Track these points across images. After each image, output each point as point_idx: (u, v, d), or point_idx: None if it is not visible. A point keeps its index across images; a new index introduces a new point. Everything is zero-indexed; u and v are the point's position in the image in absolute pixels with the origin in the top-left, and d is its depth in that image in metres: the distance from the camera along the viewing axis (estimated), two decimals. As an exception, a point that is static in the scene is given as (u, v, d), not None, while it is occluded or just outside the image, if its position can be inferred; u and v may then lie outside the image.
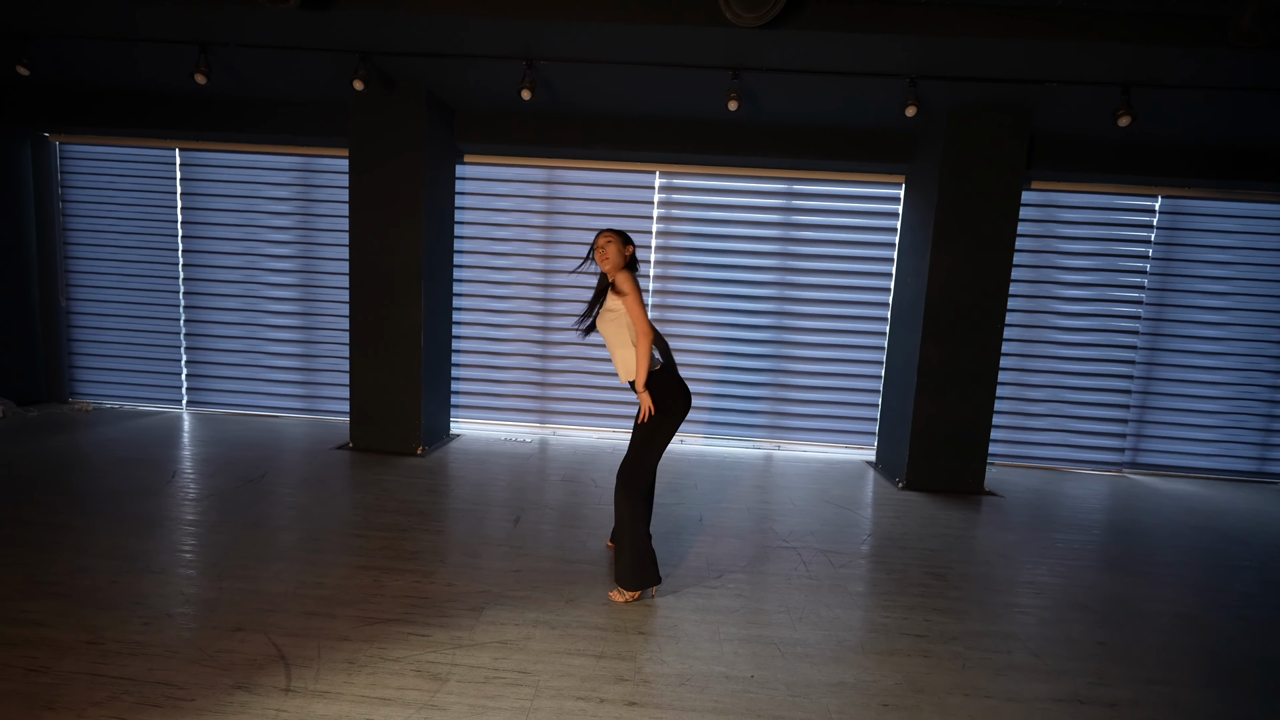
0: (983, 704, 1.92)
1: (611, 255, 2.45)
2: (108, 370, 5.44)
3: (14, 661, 1.84)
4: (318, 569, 2.55)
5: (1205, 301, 4.87)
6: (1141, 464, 5.05)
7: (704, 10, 2.91)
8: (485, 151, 4.85)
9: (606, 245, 2.45)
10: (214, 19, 3.33)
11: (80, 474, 3.58)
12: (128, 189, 5.24)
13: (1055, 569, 3.03)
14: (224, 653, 1.94)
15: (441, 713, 1.72)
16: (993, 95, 3.70)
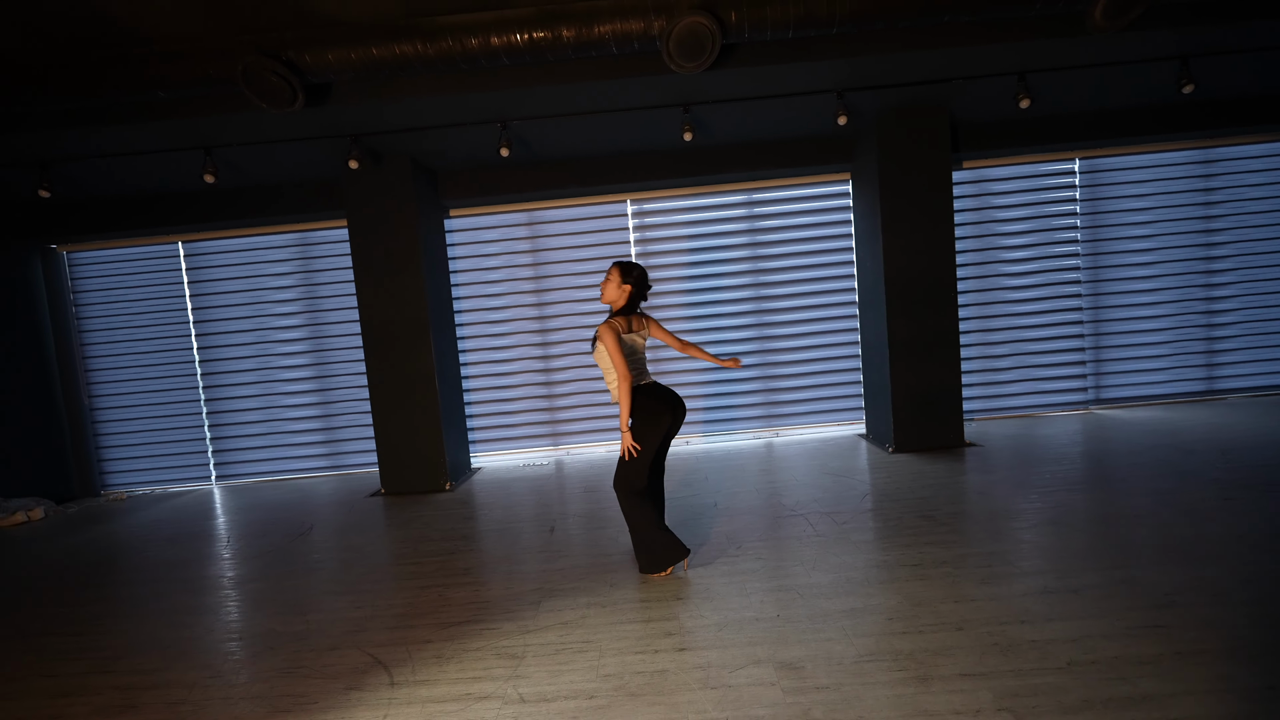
0: (970, 606, 2.30)
1: (606, 290, 2.76)
2: (136, 459, 5.70)
3: (153, 701, 2.14)
4: (387, 593, 2.88)
5: (1134, 245, 5.41)
6: (1105, 399, 5.52)
7: (652, 64, 3.38)
8: (469, 204, 5.28)
9: (606, 279, 2.77)
10: (219, 124, 3.73)
11: (140, 552, 3.86)
12: (136, 285, 5.58)
13: (1029, 497, 3.44)
14: (328, 667, 2.26)
15: (526, 680, 2.06)
16: (913, 96, 4.20)
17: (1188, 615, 2.14)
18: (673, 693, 1.92)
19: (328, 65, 3.13)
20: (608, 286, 2.75)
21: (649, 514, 2.71)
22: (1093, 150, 5.21)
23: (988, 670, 1.91)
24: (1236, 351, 5.47)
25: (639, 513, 2.70)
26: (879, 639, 2.14)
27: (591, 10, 3.02)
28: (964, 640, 2.08)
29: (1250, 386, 5.49)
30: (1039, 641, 2.05)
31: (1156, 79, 4.18)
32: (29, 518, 4.84)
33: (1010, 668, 1.92)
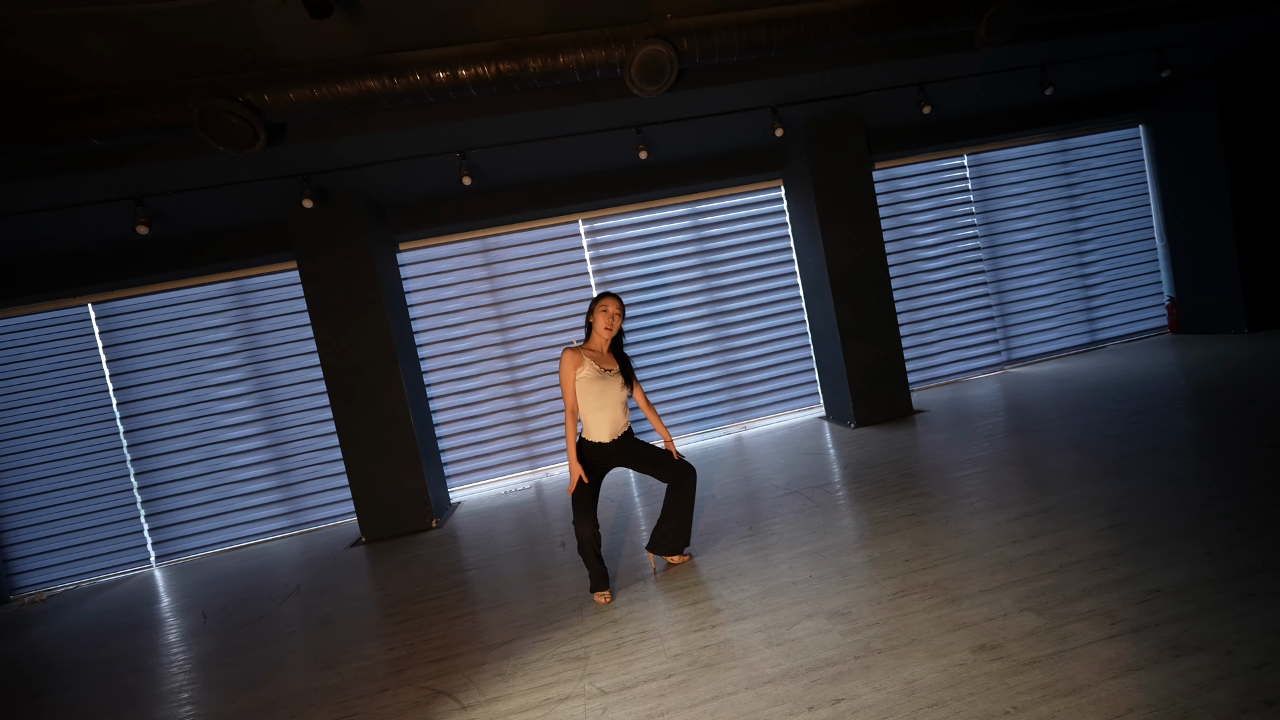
0: (967, 538, 2.64)
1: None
2: (53, 552, 5.02)
3: (195, 780, 1.99)
4: (417, 630, 2.80)
5: (1018, 225, 6.29)
6: (1015, 359, 6.33)
7: (614, 88, 3.61)
8: (420, 236, 5.22)
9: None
10: (151, 174, 3.51)
11: (102, 645, 3.44)
12: (37, 356, 4.97)
13: (983, 445, 3.92)
14: (386, 708, 2.20)
15: (599, 675, 2.13)
16: (834, 108, 4.72)
17: (1135, 514, 2.59)
18: (743, 655, 2.07)
19: (289, 104, 3.08)
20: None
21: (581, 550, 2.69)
22: (977, 147, 6.05)
23: (1000, 584, 2.22)
24: (1107, 306, 6.48)
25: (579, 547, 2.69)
26: (903, 578, 2.41)
27: (555, 43, 3.20)
28: (973, 566, 2.40)
29: (1121, 335, 6.51)
30: (1031, 554, 2.40)
31: (1025, 84, 4.97)
32: (-72, 638, 4.13)
33: (1017, 578, 2.24)
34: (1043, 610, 2.01)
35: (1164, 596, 1.97)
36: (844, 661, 1.93)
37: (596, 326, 2.76)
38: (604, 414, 2.72)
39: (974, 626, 1.99)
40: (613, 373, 2.75)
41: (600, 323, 2.74)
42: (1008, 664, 1.77)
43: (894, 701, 1.71)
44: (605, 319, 2.74)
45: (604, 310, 2.74)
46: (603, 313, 2.74)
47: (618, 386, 2.75)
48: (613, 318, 2.74)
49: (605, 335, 2.76)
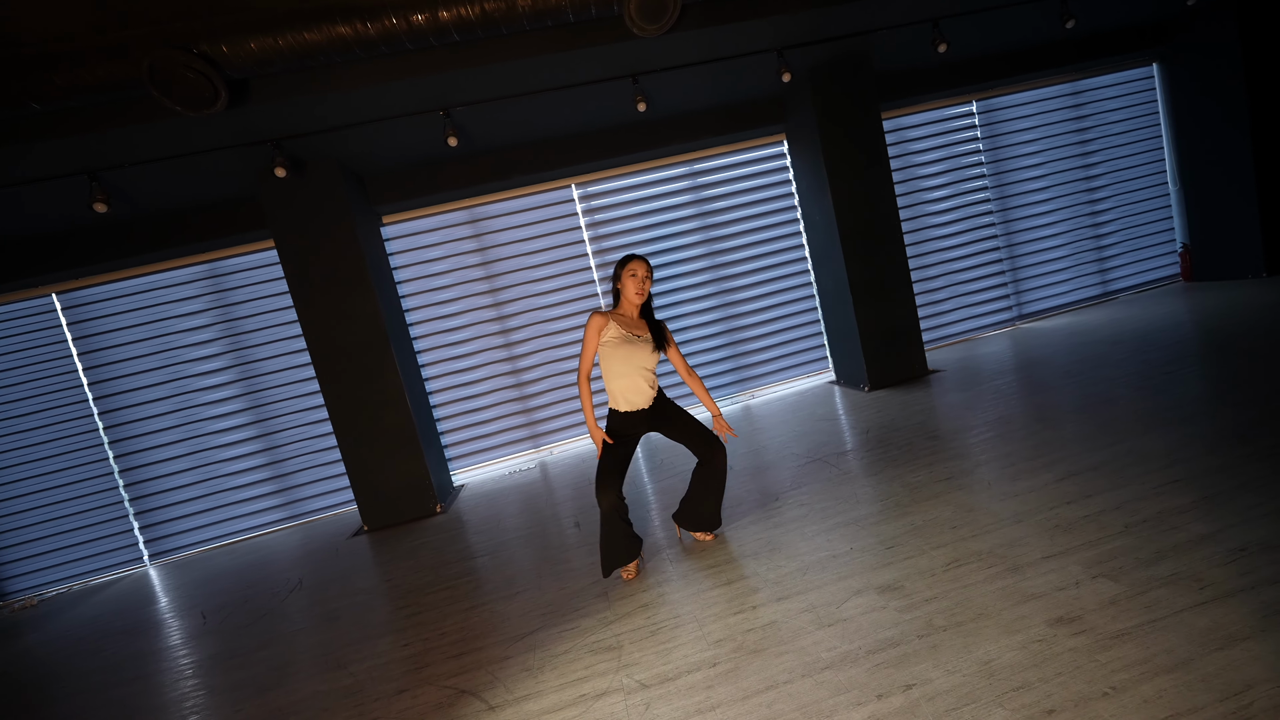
0: (1015, 501, 2.48)
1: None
2: (41, 555, 4.79)
3: (201, 802, 1.81)
4: (431, 624, 2.62)
5: (1029, 175, 6.05)
6: (1026, 314, 6.16)
7: (610, 29, 3.28)
8: (403, 208, 4.89)
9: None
10: (100, 142, 3.16)
11: (99, 650, 3.24)
12: (6, 351, 4.65)
13: (1010, 404, 3.76)
14: (405, 711, 2.02)
15: (636, 667, 1.96)
16: (841, 50, 4.40)
17: (1194, 467, 2.43)
18: (793, 639, 1.91)
19: (251, 56, 2.74)
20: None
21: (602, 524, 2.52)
22: (987, 92, 5.75)
23: (1063, 549, 2.06)
24: (1119, 256, 6.30)
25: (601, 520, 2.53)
26: (954, 546, 2.25)
27: (547, -25, 2.86)
28: (1028, 530, 2.24)
29: (1133, 285, 6.35)
30: (1090, 515, 2.24)
31: (1040, 19, 4.67)
32: (-89, 653, 3.91)
33: (1081, 542, 2.08)
34: (1118, 576, 1.85)
35: (1252, 555, 1.81)
36: (907, 642, 1.77)
37: (626, 293, 2.53)
38: (629, 380, 2.50)
39: (1045, 597, 1.83)
40: (642, 338, 2.53)
41: (630, 288, 2.52)
42: (1093, 638, 1.61)
43: (972, 685, 1.54)
44: (635, 284, 2.51)
45: (632, 275, 2.51)
46: (631, 278, 2.51)
47: (647, 352, 2.53)
48: (642, 282, 2.52)
49: (636, 301, 2.55)
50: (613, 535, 2.51)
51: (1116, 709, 1.38)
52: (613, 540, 2.52)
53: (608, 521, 2.49)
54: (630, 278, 2.50)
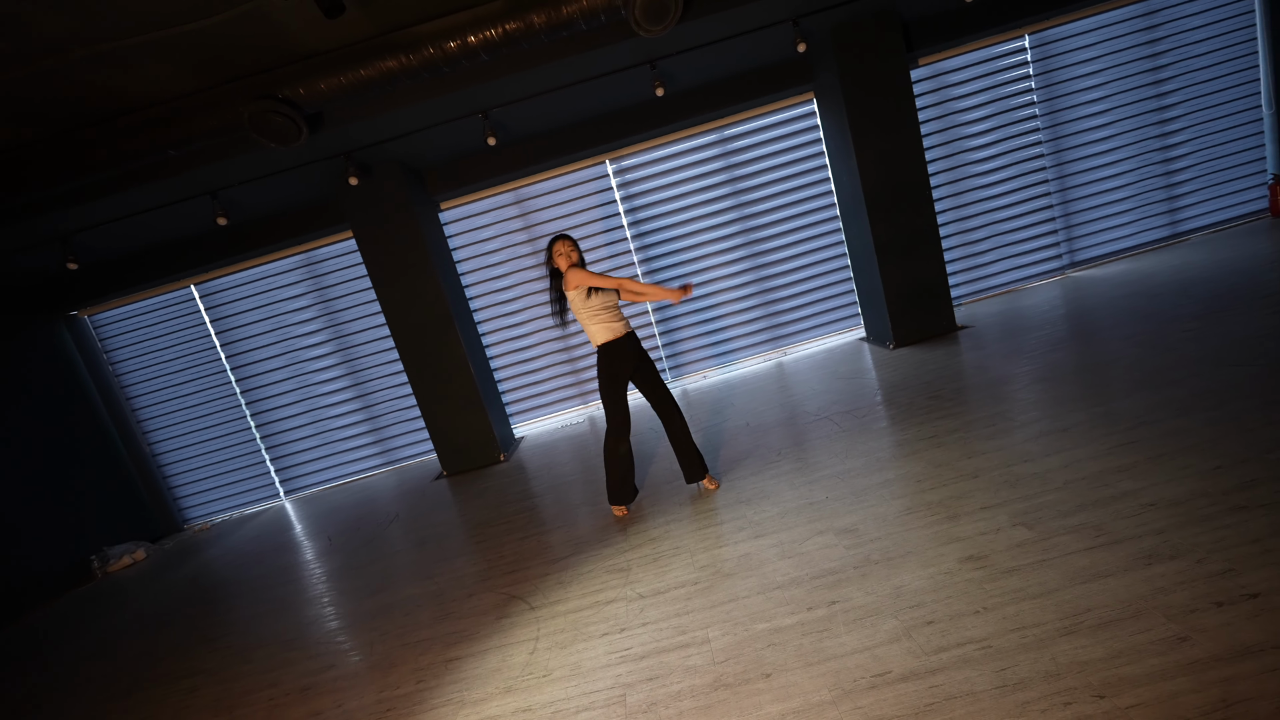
0: (981, 458, 2.79)
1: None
2: (207, 490, 6.14)
3: (344, 660, 2.64)
4: (493, 549, 3.36)
5: (1089, 109, 5.66)
6: (1079, 261, 5.94)
7: (621, 30, 3.55)
8: (457, 195, 5.47)
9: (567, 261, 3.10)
10: (220, 169, 3.91)
11: (259, 564, 4.33)
12: (161, 334, 5.82)
13: (1020, 363, 3.91)
14: (474, 608, 2.76)
15: (639, 583, 2.55)
16: (861, 8, 4.36)
17: (1156, 429, 2.63)
18: (758, 567, 2.42)
19: (321, 94, 3.31)
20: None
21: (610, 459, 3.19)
22: (1040, 24, 5.38)
23: (1001, 501, 2.41)
24: (1194, 193, 5.84)
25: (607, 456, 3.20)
26: (912, 497, 2.63)
27: (557, -7, 3.18)
28: (980, 484, 2.58)
29: (1209, 224, 5.90)
30: (1039, 473, 2.54)
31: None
32: (134, 559, 5.30)
33: (1018, 495, 2.41)
34: (1034, 525, 2.19)
35: (1156, 510, 2.09)
36: (844, 571, 2.23)
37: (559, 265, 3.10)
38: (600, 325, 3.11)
39: (967, 540, 2.21)
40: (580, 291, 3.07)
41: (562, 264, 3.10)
42: (989, 572, 2.01)
43: (881, 603, 2.00)
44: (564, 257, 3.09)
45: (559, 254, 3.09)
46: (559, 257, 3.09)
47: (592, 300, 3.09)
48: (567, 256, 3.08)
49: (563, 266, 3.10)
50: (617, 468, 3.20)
51: (980, 622, 1.80)
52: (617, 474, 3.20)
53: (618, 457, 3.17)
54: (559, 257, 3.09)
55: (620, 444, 3.14)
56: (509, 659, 2.26)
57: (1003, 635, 1.72)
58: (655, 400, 3.21)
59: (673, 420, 3.22)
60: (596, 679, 2.01)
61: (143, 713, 2.65)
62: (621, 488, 3.24)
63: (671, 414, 3.21)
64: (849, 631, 1.90)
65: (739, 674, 1.84)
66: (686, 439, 3.24)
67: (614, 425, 3.13)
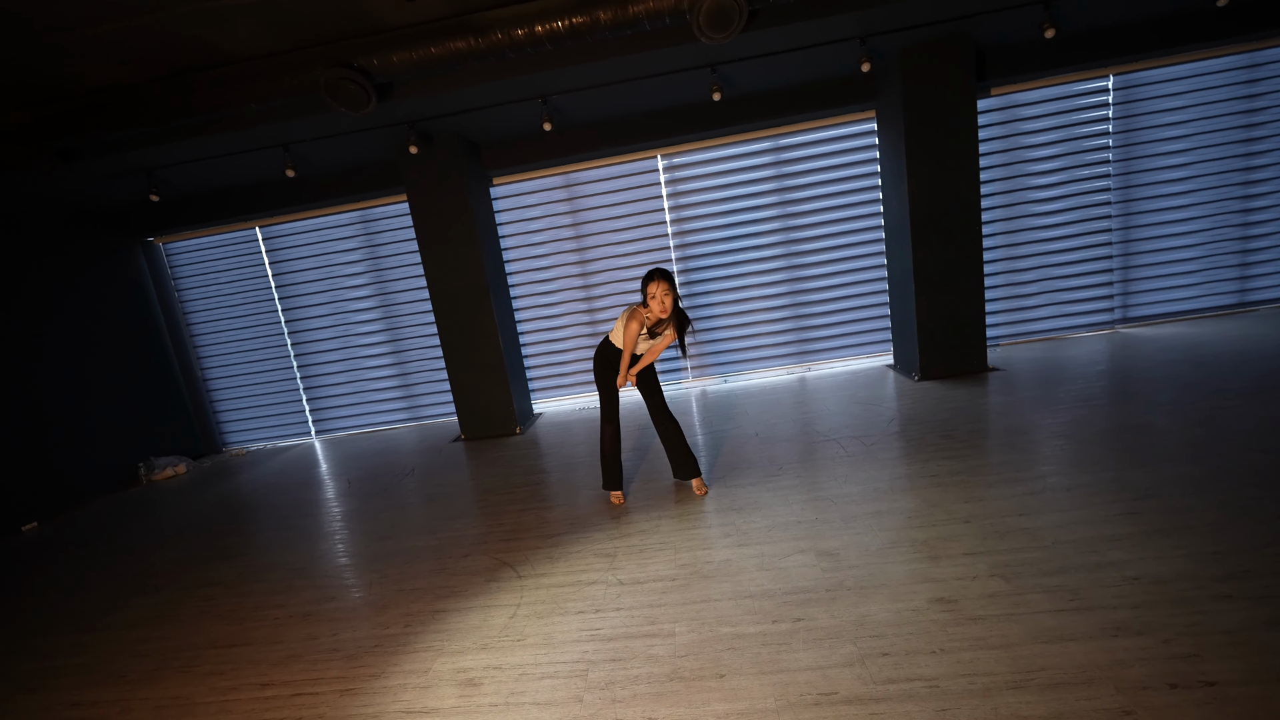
0: (977, 504, 2.80)
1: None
2: (248, 419, 6.59)
3: (345, 594, 2.87)
4: (494, 516, 3.56)
5: (1168, 160, 5.39)
6: (1131, 318, 5.70)
7: (684, 34, 3.61)
8: (510, 172, 5.64)
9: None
10: (294, 126, 4.16)
11: (283, 494, 4.67)
12: (226, 268, 6.24)
13: (1043, 415, 3.84)
14: (466, 568, 2.95)
15: (621, 570, 2.69)
16: (934, 30, 4.27)
17: (1161, 504, 2.58)
18: (736, 573, 2.51)
19: (392, 66, 3.49)
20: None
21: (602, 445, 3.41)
22: (1128, 65, 5.14)
23: (985, 550, 2.43)
24: (1270, 262, 5.51)
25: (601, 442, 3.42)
26: (899, 532, 2.67)
27: (626, -7, 3.25)
28: (968, 530, 2.60)
29: (1283, 296, 5.57)
30: (1030, 528, 2.54)
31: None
32: (175, 472, 5.77)
33: (1004, 547, 2.43)
34: (1012, 578, 2.21)
35: (1138, 584, 2.09)
36: (815, 591, 2.31)
37: (652, 308, 3.07)
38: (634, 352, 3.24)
39: (941, 582, 2.25)
40: (661, 333, 3.20)
41: (654, 308, 3.06)
42: (954, 616, 2.05)
43: (843, 628, 2.07)
44: (657, 306, 3.03)
45: (653, 296, 3.03)
46: (652, 299, 3.03)
47: (664, 341, 3.21)
48: (662, 301, 3.02)
49: (660, 314, 3.08)
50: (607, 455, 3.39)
51: (934, 662, 1.85)
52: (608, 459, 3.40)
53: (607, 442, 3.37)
54: (652, 299, 3.04)
55: (605, 428, 3.37)
56: (490, 619, 2.44)
57: (952, 678, 1.77)
58: (650, 405, 3.38)
59: (664, 426, 3.37)
60: (565, 651, 2.15)
61: (164, 611, 2.96)
62: (613, 470, 3.42)
63: (664, 420, 3.36)
64: (807, 649, 1.98)
65: (695, 670, 1.96)
66: (679, 443, 3.38)
67: (605, 412, 3.37)
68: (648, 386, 3.36)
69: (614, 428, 3.36)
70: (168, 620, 2.86)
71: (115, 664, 2.54)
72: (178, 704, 2.19)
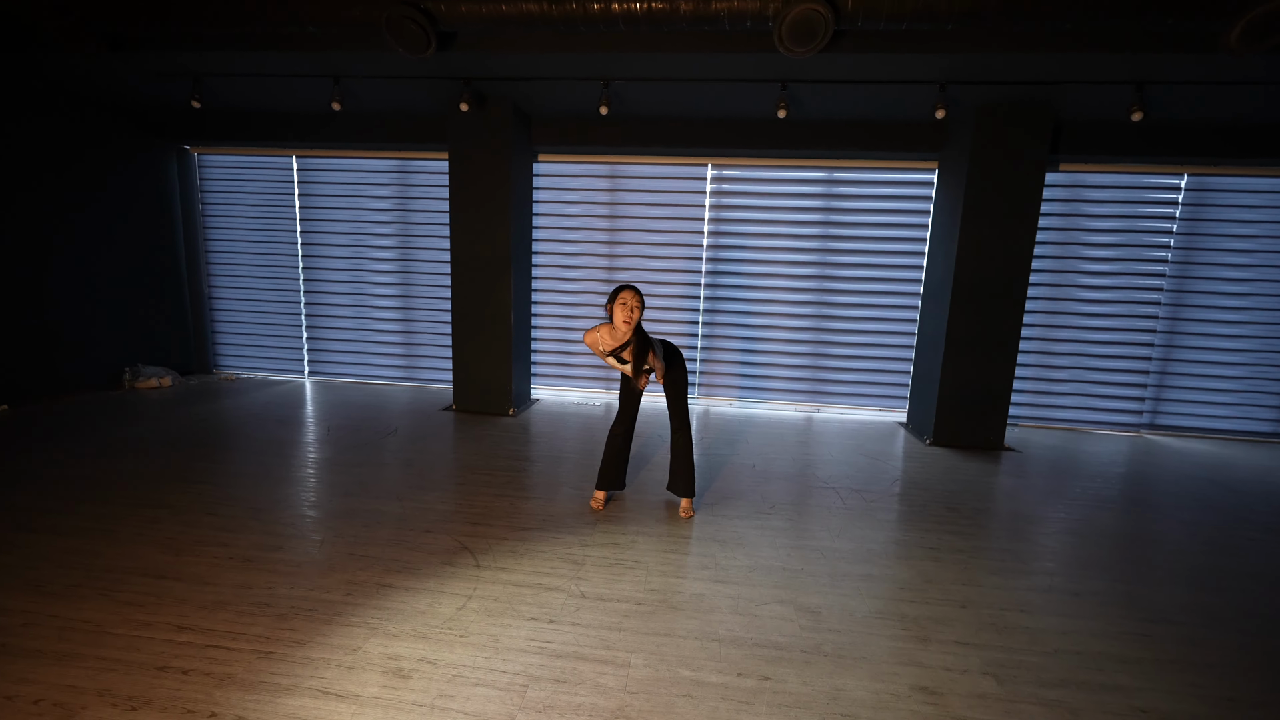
0: (976, 590, 2.59)
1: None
2: (244, 345, 6.47)
3: (295, 546, 2.71)
4: (467, 495, 3.39)
5: (1228, 273, 5.17)
6: (1159, 425, 5.46)
7: (762, 42, 3.46)
8: (557, 151, 5.51)
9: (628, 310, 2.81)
10: (349, 58, 4.05)
11: (260, 428, 4.53)
12: (254, 191, 6.15)
13: (1056, 506, 3.62)
14: (426, 544, 2.77)
15: (586, 581, 2.50)
16: (1016, 92, 4.10)
17: (1177, 632, 2.36)
18: (708, 612, 2.32)
19: (459, 15, 3.36)
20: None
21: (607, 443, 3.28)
22: (1207, 168, 4.94)
23: (981, 643, 2.22)
24: (1317, 397, 5.27)
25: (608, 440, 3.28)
26: (889, 602, 2.47)
27: (712, -14, 3.11)
28: (965, 616, 2.39)
29: (1323, 435, 5.32)
30: (1032, 629, 2.33)
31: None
32: (160, 384, 5.65)
33: (1001, 644, 2.22)
34: (1005, 681, 2.01)
35: (1146, 717, 1.88)
36: (790, 650, 2.11)
37: (615, 319, 2.84)
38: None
39: (928, 669, 2.05)
40: (626, 362, 2.93)
41: (619, 315, 2.82)
42: (938, 711, 1.85)
43: (813, 698, 1.88)
44: (624, 312, 2.80)
45: (622, 304, 2.81)
46: (620, 305, 2.81)
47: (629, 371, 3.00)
48: (631, 311, 2.80)
49: (624, 329, 2.84)
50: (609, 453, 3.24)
51: (908, 760, 1.66)
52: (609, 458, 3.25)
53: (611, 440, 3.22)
54: (620, 305, 2.81)
55: (616, 427, 3.23)
56: (436, 606, 2.26)
57: (927, 783, 1.57)
58: (672, 409, 3.17)
59: (676, 434, 3.18)
60: (508, 659, 1.97)
61: (105, 525, 2.81)
62: (606, 471, 3.26)
63: (677, 428, 3.17)
64: (770, 714, 1.79)
65: (644, 712, 1.77)
66: (685, 457, 3.19)
67: (619, 411, 3.22)
68: (674, 391, 3.14)
69: (623, 430, 3.22)
70: (105, 536, 2.70)
71: (38, 572, 2.38)
72: (86, 629, 2.02)
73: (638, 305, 2.84)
